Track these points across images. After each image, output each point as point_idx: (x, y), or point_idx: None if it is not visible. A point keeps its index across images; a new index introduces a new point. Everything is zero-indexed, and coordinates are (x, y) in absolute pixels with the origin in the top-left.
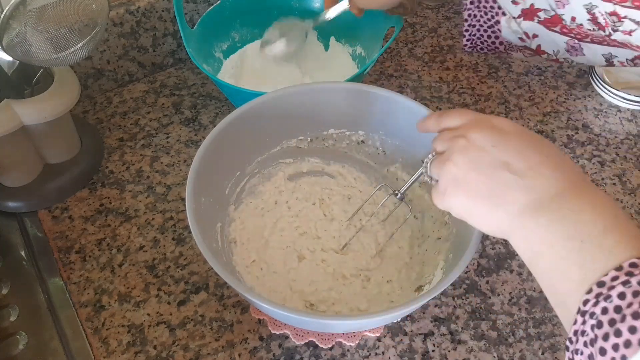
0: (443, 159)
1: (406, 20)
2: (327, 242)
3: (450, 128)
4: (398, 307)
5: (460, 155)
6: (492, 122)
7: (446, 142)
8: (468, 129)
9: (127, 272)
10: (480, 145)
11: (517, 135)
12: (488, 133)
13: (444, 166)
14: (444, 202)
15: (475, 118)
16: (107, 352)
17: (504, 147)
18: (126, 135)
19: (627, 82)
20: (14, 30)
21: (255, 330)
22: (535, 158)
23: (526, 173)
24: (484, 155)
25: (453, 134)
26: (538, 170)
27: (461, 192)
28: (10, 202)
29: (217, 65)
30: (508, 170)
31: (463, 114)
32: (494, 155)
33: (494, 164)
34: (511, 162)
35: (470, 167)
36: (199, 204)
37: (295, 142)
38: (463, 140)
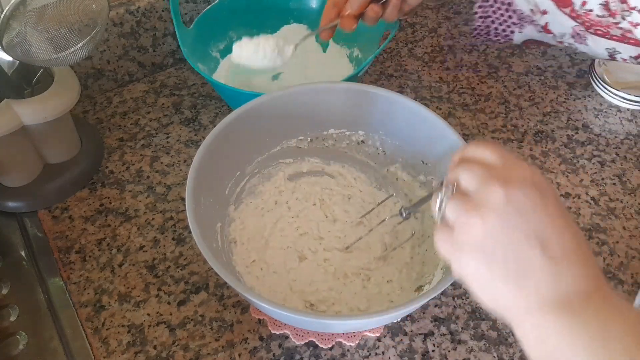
0: (470, 208)
1: (406, 20)
2: (328, 241)
3: (479, 160)
4: (398, 307)
5: (494, 215)
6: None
7: (476, 180)
8: (507, 180)
9: (127, 272)
10: (520, 208)
11: (555, 201)
12: (530, 193)
13: (470, 219)
14: (456, 260)
15: (510, 161)
16: (107, 352)
17: (543, 217)
18: (126, 135)
19: (627, 82)
20: (14, 30)
21: (255, 330)
22: (571, 243)
23: (558, 259)
24: (521, 224)
25: (487, 173)
26: (571, 260)
27: (482, 259)
28: (10, 202)
29: (213, 65)
30: (543, 250)
31: (497, 149)
32: (533, 225)
33: (529, 239)
34: (548, 240)
35: (504, 234)
36: (199, 204)
37: (295, 142)
38: (500, 193)
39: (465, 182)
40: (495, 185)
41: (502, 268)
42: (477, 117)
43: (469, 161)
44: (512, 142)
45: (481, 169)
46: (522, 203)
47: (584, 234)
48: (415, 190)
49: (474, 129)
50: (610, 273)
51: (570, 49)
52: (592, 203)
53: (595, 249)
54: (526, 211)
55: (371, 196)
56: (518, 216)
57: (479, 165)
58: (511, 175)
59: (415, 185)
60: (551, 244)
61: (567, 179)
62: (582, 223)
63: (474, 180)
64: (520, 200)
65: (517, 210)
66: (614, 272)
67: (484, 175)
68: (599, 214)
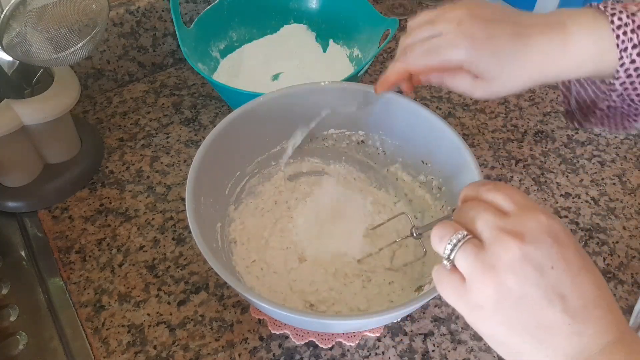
0: (485, 267)
1: (406, 20)
2: (328, 241)
3: (495, 205)
4: (398, 307)
5: (512, 273)
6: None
7: (488, 231)
8: (521, 234)
9: (127, 272)
10: (537, 265)
11: (574, 251)
12: (548, 246)
13: (486, 275)
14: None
15: (524, 208)
16: (107, 352)
17: (562, 271)
18: (126, 135)
19: None
20: (14, 30)
21: (255, 330)
22: (591, 293)
23: (579, 313)
24: (539, 281)
25: (500, 225)
26: (592, 312)
27: (500, 321)
28: (10, 202)
29: (213, 65)
30: (562, 306)
31: (512, 193)
32: (552, 281)
33: (549, 296)
34: (567, 295)
35: (521, 293)
36: (199, 204)
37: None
38: (515, 250)
39: (479, 229)
40: (510, 242)
41: (521, 328)
42: (477, 117)
43: (480, 204)
44: (512, 142)
45: (494, 218)
46: (539, 259)
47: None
48: (415, 190)
49: (474, 129)
50: (610, 273)
51: None
52: (592, 203)
53: (595, 249)
54: (543, 267)
55: (371, 195)
56: (535, 274)
57: (491, 212)
58: (526, 226)
59: (415, 185)
60: (571, 298)
61: (567, 179)
62: (582, 223)
63: (486, 231)
64: (537, 256)
65: (534, 268)
66: (614, 272)
67: (497, 227)
68: (599, 214)
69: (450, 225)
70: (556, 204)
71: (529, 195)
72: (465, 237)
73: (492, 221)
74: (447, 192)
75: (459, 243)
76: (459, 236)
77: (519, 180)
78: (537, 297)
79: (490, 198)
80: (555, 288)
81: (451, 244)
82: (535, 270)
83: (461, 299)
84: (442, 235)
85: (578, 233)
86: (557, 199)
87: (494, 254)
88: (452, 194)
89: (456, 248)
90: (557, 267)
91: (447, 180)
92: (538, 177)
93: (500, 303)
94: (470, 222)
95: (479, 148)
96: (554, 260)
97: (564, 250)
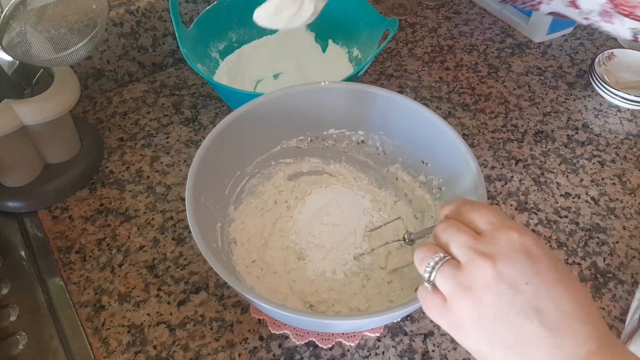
0: (462, 287)
1: (406, 20)
2: (328, 241)
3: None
4: (398, 307)
5: (488, 292)
6: (522, 243)
7: (463, 252)
8: (494, 254)
9: (127, 272)
10: (511, 283)
11: (548, 265)
12: (520, 263)
13: (464, 295)
14: (453, 333)
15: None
16: (107, 352)
17: (537, 286)
18: (126, 135)
19: (627, 82)
20: (14, 30)
21: (255, 330)
22: (568, 305)
23: (557, 325)
24: (515, 297)
25: (474, 245)
26: (570, 323)
27: (481, 336)
28: (10, 202)
29: (213, 65)
30: (539, 320)
31: (486, 213)
32: (527, 297)
33: (525, 311)
34: (544, 309)
35: (499, 310)
36: (199, 204)
37: (295, 142)
38: (488, 270)
39: (454, 250)
40: (483, 262)
41: (502, 343)
42: (477, 117)
43: (454, 225)
44: (512, 142)
45: (467, 239)
46: (513, 276)
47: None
48: (415, 190)
49: (474, 128)
50: (610, 273)
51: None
52: (592, 203)
53: (595, 249)
54: (518, 284)
55: (372, 195)
56: (510, 291)
57: (465, 233)
58: (497, 245)
59: (415, 185)
60: (548, 312)
61: (567, 179)
62: (582, 223)
63: (460, 252)
64: (510, 274)
65: (508, 285)
66: (614, 272)
67: (471, 248)
68: (599, 214)
69: (429, 248)
70: (556, 204)
71: (528, 196)
72: (443, 259)
73: (466, 242)
74: (447, 192)
75: (437, 265)
76: (437, 258)
77: (519, 180)
78: (514, 313)
79: (468, 218)
80: (532, 303)
81: (429, 267)
82: (510, 288)
83: (444, 318)
84: (422, 258)
85: (578, 233)
86: (557, 199)
87: (469, 275)
88: (452, 194)
89: (434, 270)
90: (532, 282)
91: (447, 180)
92: (538, 177)
93: (480, 321)
94: (446, 244)
95: (479, 148)
96: (527, 276)
97: (538, 265)
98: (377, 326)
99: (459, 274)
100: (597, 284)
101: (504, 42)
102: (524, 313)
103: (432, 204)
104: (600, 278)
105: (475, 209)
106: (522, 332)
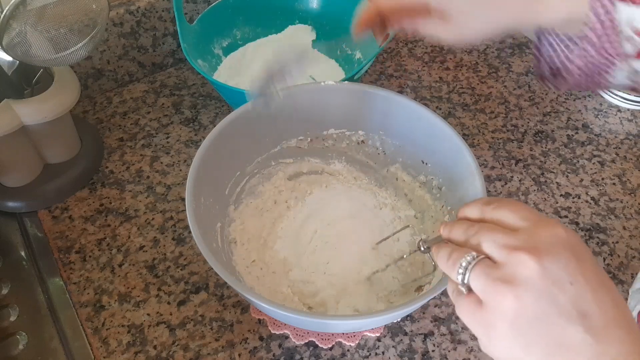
0: (499, 283)
1: None
2: (328, 241)
3: (502, 223)
4: (398, 307)
5: (528, 291)
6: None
7: (499, 250)
8: (537, 248)
9: (127, 272)
10: (556, 280)
11: (592, 266)
12: (565, 260)
13: (500, 296)
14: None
15: (535, 221)
16: (107, 352)
17: (582, 287)
18: (126, 135)
19: None
20: (14, 30)
21: (255, 330)
22: (612, 310)
23: (601, 333)
24: (559, 297)
25: (513, 241)
26: (614, 331)
27: (516, 340)
28: (10, 202)
29: (215, 62)
30: (583, 325)
31: (519, 209)
32: (571, 298)
33: (569, 313)
34: (589, 313)
35: (540, 311)
36: (199, 204)
37: (295, 142)
38: (532, 265)
39: (488, 250)
40: (526, 257)
41: (539, 348)
42: (477, 117)
43: (484, 226)
44: (512, 142)
45: (504, 236)
46: (558, 274)
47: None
48: (415, 190)
49: (474, 128)
50: (611, 273)
51: None
52: (592, 203)
53: (595, 249)
54: (563, 282)
55: (372, 194)
56: (555, 289)
57: (498, 231)
58: (540, 240)
59: (415, 185)
60: (593, 316)
61: (567, 179)
62: (582, 223)
63: (496, 250)
64: (556, 271)
65: (553, 283)
66: (614, 272)
67: (510, 244)
68: (599, 214)
69: (456, 249)
70: (556, 204)
71: (528, 196)
72: (476, 258)
73: (502, 240)
74: (447, 192)
75: (470, 265)
76: (469, 258)
77: (519, 180)
78: (556, 315)
79: (497, 217)
80: (576, 305)
81: (462, 268)
82: (553, 286)
83: (477, 320)
84: (453, 260)
85: (578, 233)
86: (557, 199)
87: (508, 271)
88: (452, 194)
89: (468, 271)
90: (577, 283)
91: (447, 180)
92: (538, 177)
93: (517, 321)
94: (477, 246)
95: (479, 148)
96: (573, 275)
97: (583, 265)
98: (377, 326)
99: (496, 271)
100: None
101: (504, 42)
102: (567, 315)
103: (432, 204)
104: None
105: (504, 205)
106: (563, 337)
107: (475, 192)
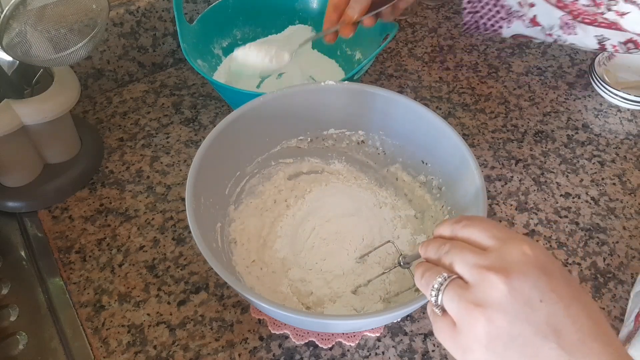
0: (471, 306)
1: (406, 20)
2: (328, 241)
3: (472, 242)
4: (398, 307)
5: (499, 313)
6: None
7: (470, 270)
8: (506, 269)
9: (127, 272)
10: (527, 299)
11: (563, 280)
12: (534, 278)
13: (473, 319)
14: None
15: (503, 240)
16: (107, 352)
17: (554, 304)
18: (126, 135)
19: (627, 82)
20: (14, 30)
21: (255, 330)
22: (587, 324)
23: (577, 347)
24: (531, 316)
25: (482, 261)
26: (590, 344)
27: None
28: (10, 202)
29: (215, 62)
30: (557, 342)
31: (488, 227)
32: (544, 316)
33: (542, 331)
34: (562, 329)
35: (513, 331)
36: (199, 204)
37: (295, 142)
38: (501, 287)
39: (459, 270)
40: (495, 278)
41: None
42: (477, 117)
43: (455, 244)
44: (512, 142)
45: (474, 255)
46: (528, 293)
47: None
48: (415, 190)
49: (474, 129)
50: (610, 273)
51: (560, 41)
52: (592, 203)
53: (595, 249)
54: (533, 301)
55: (372, 194)
56: (526, 308)
57: (468, 251)
58: (508, 259)
59: (415, 185)
60: (566, 331)
61: (567, 179)
62: (582, 223)
63: (466, 271)
64: (526, 290)
65: (524, 303)
66: (614, 272)
67: (479, 264)
68: (599, 214)
69: (430, 269)
70: (556, 204)
71: (528, 196)
72: (448, 279)
73: (472, 260)
74: (447, 192)
75: (442, 287)
76: (440, 280)
77: (519, 180)
78: (530, 333)
79: (467, 235)
80: (549, 322)
81: (434, 290)
82: (525, 306)
83: (454, 343)
84: (425, 280)
85: (578, 233)
86: (557, 199)
87: (479, 293)
88: (452, 194)
89: (440, 293)
90: (548, 300)
91: (447, 180)
92: (538, 177)
93: (492, 343)
94: (449, 265)
95: (479, 148)
96: (543, 292)
97: (553, 281)
98: (377, 326)
99: (468, 293)
100: (597, 284)
101: (504, 42)
102: (542, 334)
103: (432, 204)
104: (600, 278)
105: (474, 224)
106: (539, 356)
107: (476, 192)
